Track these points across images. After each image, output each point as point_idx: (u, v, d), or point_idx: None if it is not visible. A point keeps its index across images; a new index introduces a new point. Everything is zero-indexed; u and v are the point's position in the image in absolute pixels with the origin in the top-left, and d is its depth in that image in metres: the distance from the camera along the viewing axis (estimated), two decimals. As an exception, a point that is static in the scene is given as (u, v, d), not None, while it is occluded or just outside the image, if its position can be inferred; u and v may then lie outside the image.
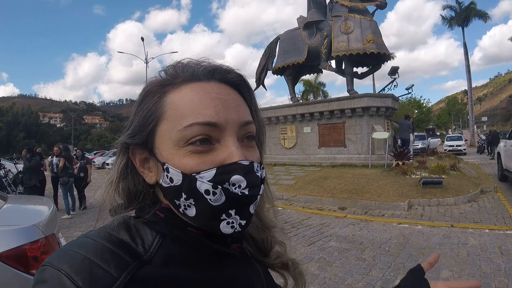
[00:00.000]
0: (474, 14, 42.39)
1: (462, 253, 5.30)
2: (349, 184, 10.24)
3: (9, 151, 44.52)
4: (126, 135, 0.66)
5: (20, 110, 78.45)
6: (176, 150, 0.60)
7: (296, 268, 0.85)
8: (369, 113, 13.82)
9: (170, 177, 0.60)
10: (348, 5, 14.70)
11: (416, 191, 9.16)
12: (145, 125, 0.63)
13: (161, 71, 0.68)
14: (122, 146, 0.67)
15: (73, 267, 0.52)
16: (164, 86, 0.64)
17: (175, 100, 0.62)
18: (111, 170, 0.70)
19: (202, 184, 0.57)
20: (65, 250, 0.56)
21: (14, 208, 4.25)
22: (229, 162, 0.59)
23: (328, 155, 14.80)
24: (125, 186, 0.67)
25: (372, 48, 13.91)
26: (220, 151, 0.60)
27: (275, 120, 17.00)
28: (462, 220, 7.25)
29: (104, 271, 0.53)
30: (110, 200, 0.67)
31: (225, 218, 0.59)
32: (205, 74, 0.65)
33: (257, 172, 0.62)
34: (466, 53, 45.04)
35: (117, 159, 0.69)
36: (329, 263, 5.15)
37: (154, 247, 0.60)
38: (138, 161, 0.66)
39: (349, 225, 7.26)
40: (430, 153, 17.78)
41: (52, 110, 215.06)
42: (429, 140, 29.58)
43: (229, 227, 0.59)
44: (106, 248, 0.56)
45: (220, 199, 0.58)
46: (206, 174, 0.58)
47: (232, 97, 0.65)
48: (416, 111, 54.51)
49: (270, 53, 18.47)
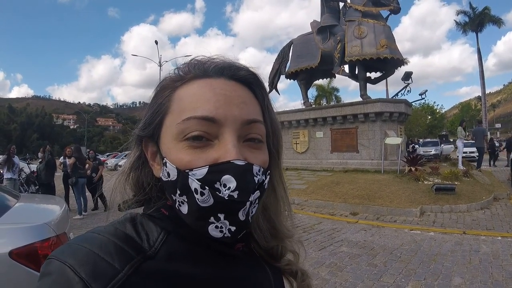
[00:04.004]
0: (488, 19, 42.06)
1: (474, 260, 5.29)
2: (361, 189, 10.24)
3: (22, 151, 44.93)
4: (139, 127, 0.68)
5: (34, 111, 79.31)
6: (174, 144, 0.60)
7: (304, 280, 0.82)
8: (382, 118, 13.77)
9: (167, 172, 0.60)
10: (361, 9, 14.72)
11: (429, 198, 9.11)
12: (154, 118, 0.65)
13: (176, 68, 0.68)
14: (137, 139, 0.69)
15: (77, 260, 0.52)
16: (176, 82, 0.65)
17: (181, 94, 0.63)
18: (125, 161, 0.73)
19: (192, 182, 0.56)
20: (71, 244, 0.57)
21: (26, 206, 4.28)
22: (223, 160, 0.57)
23: (340, 160, 14.77)
24: (135, 176, 0.70)
25: (385, 53, 13.90)
26: (217, 148, 0.59)
27: (288, 124, 17.00)
28: (474, 227, 7.21)
29: (108, 263, 0.53)
30: (120, 189, 0.69)
31: (214, 222, 0.57)
32: (215, 70, 0.65)
33: (255, 176, 0.59)
34: (480, 59, 44.59)
35: (131, 152, 0.71)
36: (340, 268, 5.17)
37: (159, 243, 0.60)
38: (149, 154, 0.68)
39: (361, 231, 7.26)
40: (443, 159, 17.65)
41: (65, 111, 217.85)
42: (442, 147, 29.27)
43: (217, 231, 0.57)
44: (111, 242, 0.57)
45: (208, 201, 0.56)
46: (198, 171, 0.57)
47: (238, 93, 0.63)
48: (429, 117, 54.05)
49: (283, 57, 18.54)
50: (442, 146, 29.75)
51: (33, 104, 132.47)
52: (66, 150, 10.86)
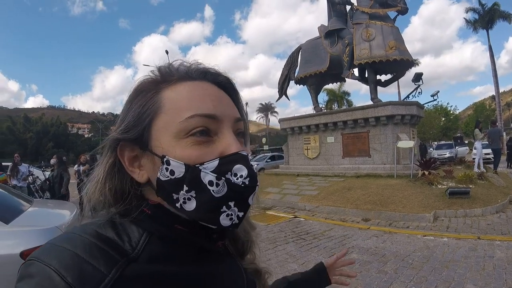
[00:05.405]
0: (498, 15, 41.54)
1: (488, 267, 5.13)
2: (373, 195, 10.09)
3: (38, 159, 45.93)
4: (119, 131, 0.65)
5: (49, 120, 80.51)
6: (176, 142, 0.61)
7: (269, 277, 0.86)
8: (394, 122, 13.60)
9: (170, 170, 0.60)
10: (368, 11, 14.68)
11: (443, 202, 8.92)
12: (141, 120, 0.64)
13: (153, 71, 0.69)
14: (112, 144, 0.66)
15: (62, 263, 0.51)
16: (159, 83, 0.66)
17: (172, 95, 0.64)
18: (96, 169, 0.69)
19: (206, 175, 0.59)
20: (53, 245, 0.56)
21: (39, 211, 4.51)
22: (229, 152, 0.62)
23: (352, 165, 14.61)
24: (111, 187, 0.66)
25: (395, 55, 13.77)
26: (219, 143, 0.63)
27: (298, 130, 16.97)
28: (489, 231, 7.02)
29: (94, 267, 0.52)
30: (96, 200, 0.66)
31: (225, 210, 0.60)
32: (198, 74, 0.69)
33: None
34: (492, 56, 44.03)
35: (104, 158, 0.68)
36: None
37: (141, 245, 0.60)
38: (127, 159, 0.66)
39: (372, 237, 7.14)
40: (457, 162, 17.38)
41: (80, 121, 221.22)
42: (457, 149, 28.86)
43: (228, 219, 0.60)
44: (94, 244, 0.56)
45: (222, 190, 0.59)
46: (209, 164, 0.60)
47: (224, 95, 0.69)
48: (443, 118, 53.41)
49: (292, 63, 18.53)
50: (457, 148, 29.34)
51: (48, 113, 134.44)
52: (80, 157, 11.01)
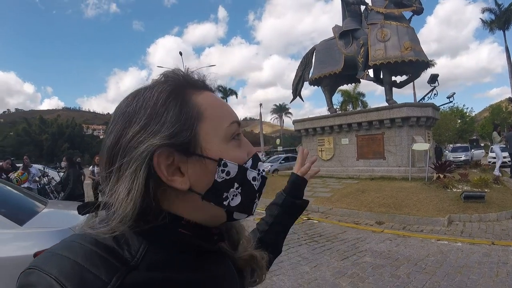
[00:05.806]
0: (514, 16, 40.68)
1: (501, 273, 5.09)
2: (387, 197, 10.04)
3: (53, 161, 46.39)
4: (164, 136, 0.59)
5: (64, 122, 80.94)
6: (225, 145, 0.66)
7: (264, 258, 0.84)
8: (409, 124, 13.50)
9: (227, 171, 0.65)
10: (383, 12, 14.55)
11: (457, 206, 8.83)
12: (187, 124, 0.62)
13: (172, 71, 0.68)
14: (148, 154, 0.58)
15: (62, 272, 0.51)
16: (186, 88, 0.66)
17: (204, 102, 0.67)
18: (119, 184, 0.60)
19: (251, 173, 0.69)
20: (53, 253, 0.56)
21: (53, 212, 4.53)
22: (254, 152, 0.73)
23: (366, 167, 14.58)
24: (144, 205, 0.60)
25: (410, 56, 13.66)
26: (242, 144, 0.71)
27: (312, 131, 16.96)
28: (504, 237, 6.93)
29: (95, 276, 0.52)
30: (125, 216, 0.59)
31: (256, 201, 0.71)
32: (208, 84, 0.74)
33: None
34: (509, 57, 42.96)
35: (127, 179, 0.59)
36: (362, 278, 5.09)
37: (141, 253, 0.58)
38: (165, 167, 0.60)
39: (386, 240, 7.12)
40: (473, 166, 17.16)
41: (95, 122, 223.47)
42: (473, 152, 28.39)
43: (255, 207, 0.71)
44: (94, 252, 0.55)
45: (259, 184, 0.71)
46: (249, 163, 0.69)
47: None
48: (459, 120, 52.63)
49: (306, 63, 18.50)
50: (473, 151, 28.87)
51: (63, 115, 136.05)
52: (95, 158, 11.12)
